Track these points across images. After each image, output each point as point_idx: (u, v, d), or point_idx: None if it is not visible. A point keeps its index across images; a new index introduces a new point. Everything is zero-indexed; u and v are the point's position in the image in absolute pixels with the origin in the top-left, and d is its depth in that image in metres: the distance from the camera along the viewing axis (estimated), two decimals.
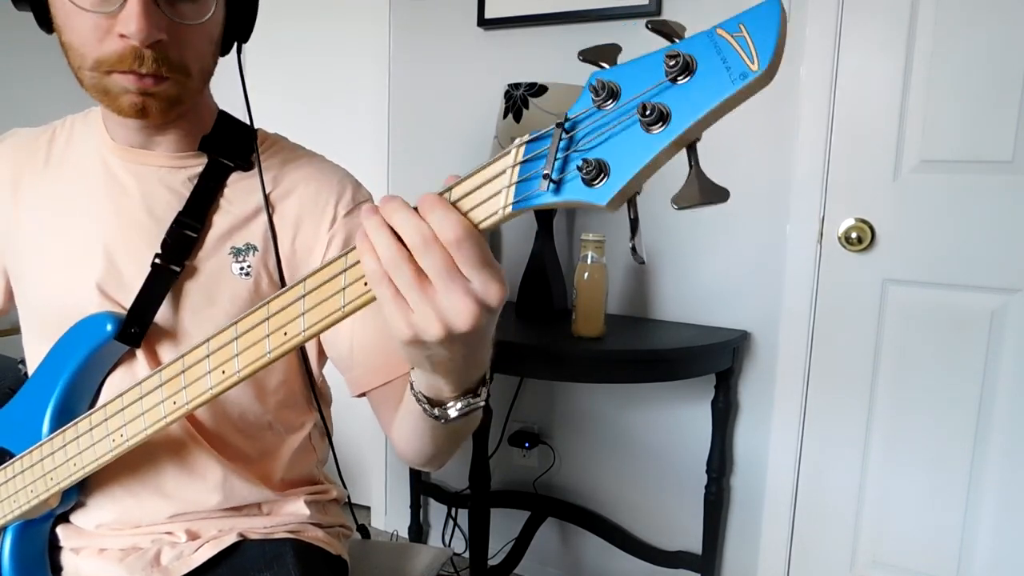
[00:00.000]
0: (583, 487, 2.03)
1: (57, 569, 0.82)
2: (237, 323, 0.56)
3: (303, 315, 0.52)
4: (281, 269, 0.79)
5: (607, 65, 0.42)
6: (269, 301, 0.54)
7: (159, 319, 0.76)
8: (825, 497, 1.75)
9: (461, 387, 0.56)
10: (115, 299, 0.76)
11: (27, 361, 0.84)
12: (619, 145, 0.41)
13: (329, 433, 0.94)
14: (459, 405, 0.57)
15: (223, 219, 0.78)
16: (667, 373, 1.65)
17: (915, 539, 1.67)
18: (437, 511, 2.27)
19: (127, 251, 0.76)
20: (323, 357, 0.88)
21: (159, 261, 0.75)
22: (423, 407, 0.58)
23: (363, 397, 0.81)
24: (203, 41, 0.71)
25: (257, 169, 0.80)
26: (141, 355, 0.77)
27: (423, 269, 0.45)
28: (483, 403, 0.58)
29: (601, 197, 0.41)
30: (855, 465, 1.71)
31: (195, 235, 0.76)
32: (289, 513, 0.86)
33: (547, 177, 0.43)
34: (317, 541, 0.86)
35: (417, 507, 2.25)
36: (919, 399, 1.63)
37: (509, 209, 0.45)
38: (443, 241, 0.44)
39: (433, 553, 1.10)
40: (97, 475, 0.72)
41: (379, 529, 2.39)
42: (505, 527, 2.03)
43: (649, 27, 0.41)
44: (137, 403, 0.64)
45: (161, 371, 0.62)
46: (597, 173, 0.41)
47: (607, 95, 0.41)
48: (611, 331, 1.63)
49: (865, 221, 1.64)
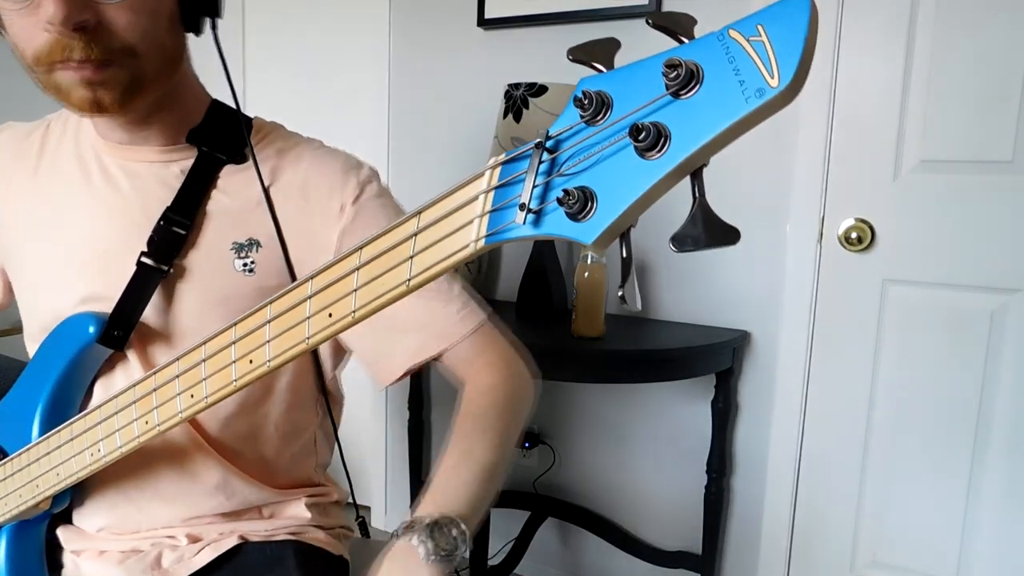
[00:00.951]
0: (583, 487, 2.03)
1: (57, 567, 0.82)
2: (206, 344, 0.52)
3: (268, 343, 0.48)
4: (290, 263, 0.76)
5: (601, 67, 0.36)
6: (237, 322, 0.50)
7: (152, 321, 0.74)
8: (825, 497, 1.75)
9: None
10: (109, 298, 0.75)
11: (28, 356, 0.83)
12: (609, 171, 0.34)
13: (336, 434, 0.93)
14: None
15: (221, 213, 0.75)
16: (667, 373, 1.65)
17: (915, 539, 1.67)
18: None
19: (121, 250, 0.74)
20: (338, 358, 0.87)
21: (145, 260, 0.72)
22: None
23: (395, 384, 0.80)
24: (141, 17, 0.65)
25: (252, 160, 0.76)
26: (135, 358, 0.75)
27: None
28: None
29: (587, 234, 0.35)
30: (855, 465, 1.71)
31: (184, 232, 0.73)
32: (290, 516, 0.86)
33: (524, 207, 0.36)
34: (318, 542, 0.86)
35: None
36: (919, 399, 1.63)
37: (481, 243, 0.38)
38: None
39: None
40: (95, 480, 0.72)
41: (379, 529, 2.39)
42: (505, 527, 2.03)
43: (650, 23, 0.34)
44: (113, 418, 0.61)
45: (135, 387, 0.59)
46: (583, 205, 0.34)
47: (597, 108, 0.35)
48: (611, 331, 1.63)
49: (865, 221, 1.64)
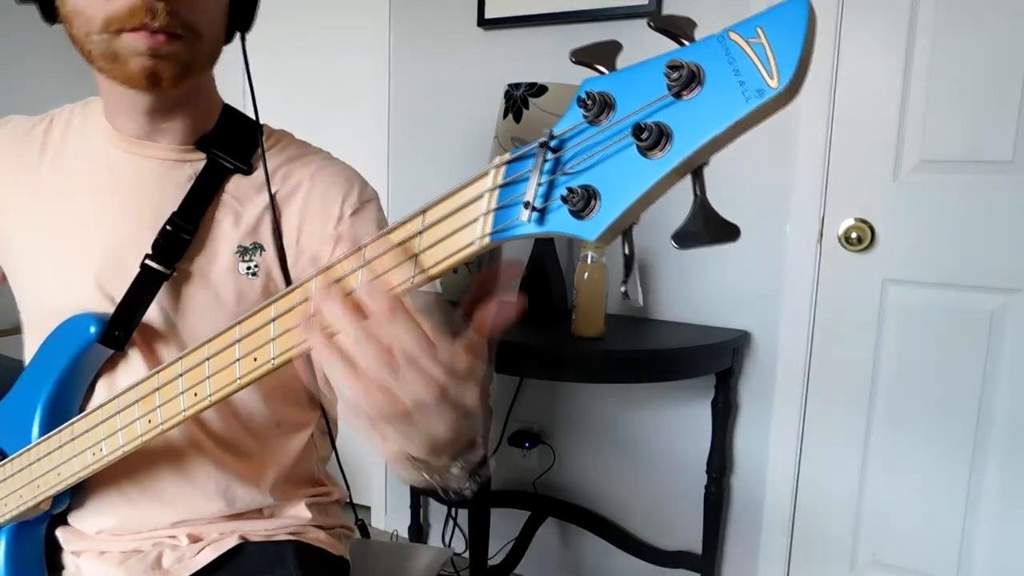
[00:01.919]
0: (583, 487, 2.03)
1: (58, 568, 0.82)
2: (210, 342, 0.53)
3: (272, 341, 0.48)
4: (286, 269, 0.77)
5: (603, 68, 0.36)
6: (241, 321, 0.50)
7: (156, 323, 0.74)
8: (825, 497, 1.75)
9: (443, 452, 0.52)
10: (115, 297, 0.74)
11: (26, 359, 0.83)
12: (612, 170, 0.35)
13: (332, 432, 0.93)
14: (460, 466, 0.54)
15: (228, 218, 0.76)
16: (667, 373, 1.65)
17: (915, 539, 1.67)
18: (437, 511, 2.27)
19: (129, 247, 0.74)
20: None
21: (149, 262, 0.73)
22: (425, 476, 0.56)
23: None
24: (214, 1, 0.70)
25: (263, 167, 0.77)
26: (138, 358, 0.75)
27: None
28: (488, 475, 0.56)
29: (590, 231, 0.36)
30: (855, 465, 1.71)
31: (189, 237, 0.74)
32: (290, 516, 0.86)
33: (528, 205, 0.37)
34: (318, 542, 0.86)
35: (417, 507, 2.25)
36: (919, 399, 1.63)
37: (487, 240, 0.39)
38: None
39: (433, 553, 1.10)
40: (95, 481, 0.72)
41: (379, 529, 2.39)
42: (505, 527, 2.03)
43: (652, 26, 0.34)
44: (115, 417, 0.61)
45: (137, 385, 0.59)
46: (586, 203, 0.35)
47: (600, 109, 0.35)
48: (611, 331, 1.63)
49: (865, 221, 1.64)
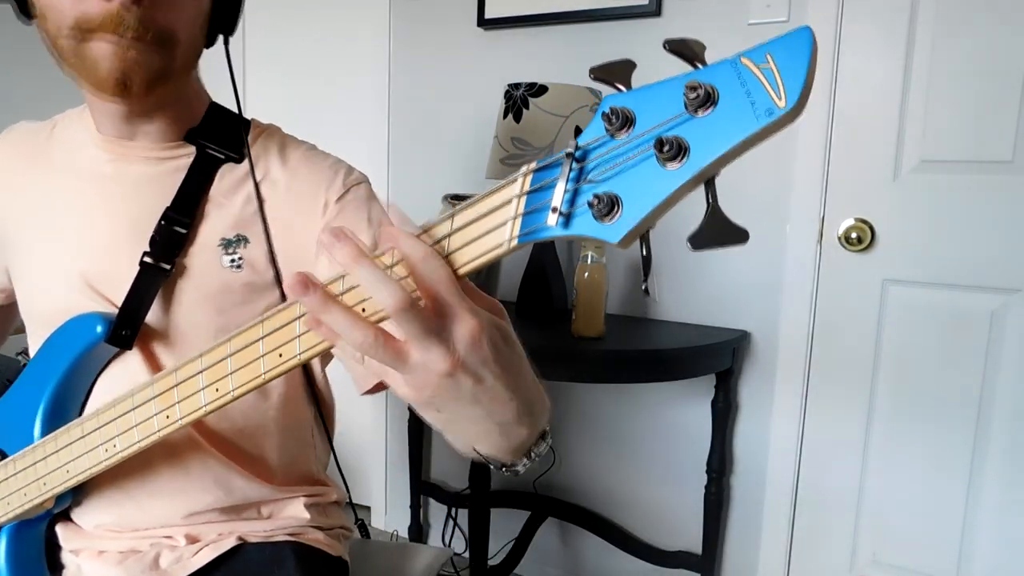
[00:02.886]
0: (583, 487, 2.03)
1: (58, 567, 0.82)
2: (232, 339, 0.54)
3: (299, 337, 0.50)
4: (275, 258, 0.77)
5: (621, 86, 0.40)
6: (264, 319, 0.52)
7: (152, 319, 0.75)
8: (825, 497, 1.75)
9: (502, 449, 0.53)
10: (106, 296, 0.75)
11: (30, 356, 0.83)
12: (633, 179, 0.38)
13: (330, 436, 0.93)
14: (525, 461, 0.55)
15: (215, 212, 0.76)
16: (667, 373, 1.65)
17: (915, 539, 1.67)
18: (437, 511, 2.27)
19: (118, 247, 0.75)
20: (326, 357, 0.87)
21: (148, 260, 0.73)
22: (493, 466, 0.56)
23: (371, 394, 0.80)
24: (188, 6, 0.68)
25: (248, 159, 0.77)
26: (136, 355, 0.75)
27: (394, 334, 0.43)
28: (545, 449, 0.56)
29: (613, 235, 0.39)
30: (855, 465, 1.71)
31: (185, 231, 0.74)
32: (289, 516, 0.86)
33: (556, 210, 0.40)
34: (317, 543, 0.86)
35: (417, 507, 2.25)
36: (919, 399, 1.63)
37: (515, 242, 0.42)
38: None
39: (433, 553, 1.10)
40: (94, 478, 0.72)
41: (379, 529, 2.39)
42: (505, 527, 2.03)
43: (667, 48, 0.38)
44: (130, 413, 0.62)
45: (155, 383, 0.60)
46: (609, 209, 0.39)
47: (622, 123, 0.39)
48: (611, 331, 1.63)
49: (865, 221, 1.64)
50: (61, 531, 0.82)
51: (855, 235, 1.64)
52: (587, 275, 1.54)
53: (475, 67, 2.05)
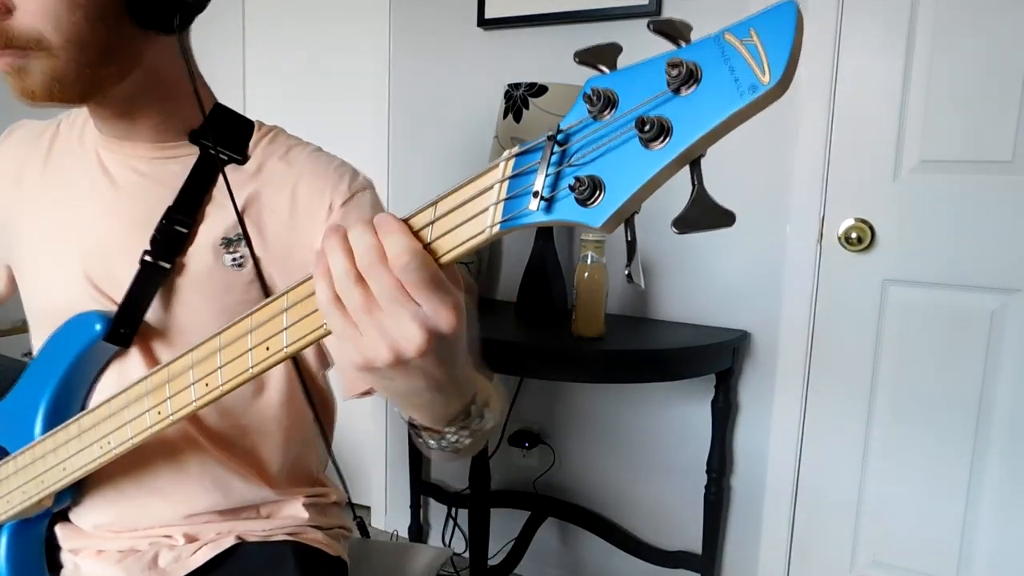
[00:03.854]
0: (583, 487, 2.03)
1: (57, 567, 0.82)
2: (221, 333, 0.54)
3: (285, 330, 0.50)
4: (257, 261, 0.76)
5: (605, 68, 0.39)
6: (253, 313, 0.52)
7: (153, 318, 0.75)
8: (825, 497, 1.75)
9: (436, 419, 0.53)
10: (108, 295, 0.76)
11: (33, 355, 0.84)
12: (615, 161, 0.38)
13: (327, 440, 0.92)
14: (448, 438, 0.55)
15: (217, 212, 0.76)
16: (667, 373, 1.65)
17: (915, 539, 1.66)
18: (437, 511, 2.27)
19: (119, 246, 0.75)
20: (324, 361, 0.87)
21: (148, 258, 0.73)
22: (419, 441, 0.56)
23: (360, 398, 0.80)
24: (52, 5, 0.62)
25: (247, 159, 0.77)
26: (136, 354, 0.76)
27: (372, 293, 0.43)
28: (484, 428, 0.55)
29: (595, 218, 0.38)
30: (855, 465, 1.71)
31: (186, 231, 0.74)
32: (288, 516, 0.86)
33: (537, 195, 0.40)
34: (316, 543, 0.86)
35: (417, 507, 2.25)
36: (919, 399, 1.63)
37: (497, 228, 0.42)
38: (392, 264, 0.43)
39: (433, 553, 1.10)
40: (92, 477, 0.72)
41: (379, 529, 2.39)
42: (505, 527, 2.03)
43: (651, 28, 0.37)
44: (124, 410, 0.62)
45: (147, 379, 0.60)
46: (591, 192, 0.38)
47: (604, 105, 0.38)
48: (611, 331, 1.63)
49: (865, 221, 1.64)
50: (60, 531, 0.82)
51: (855, 235, 1.64)
52: (587, 275, 1.54)
53: (475, 67, 2.05)
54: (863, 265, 1.66)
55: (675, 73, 0.35)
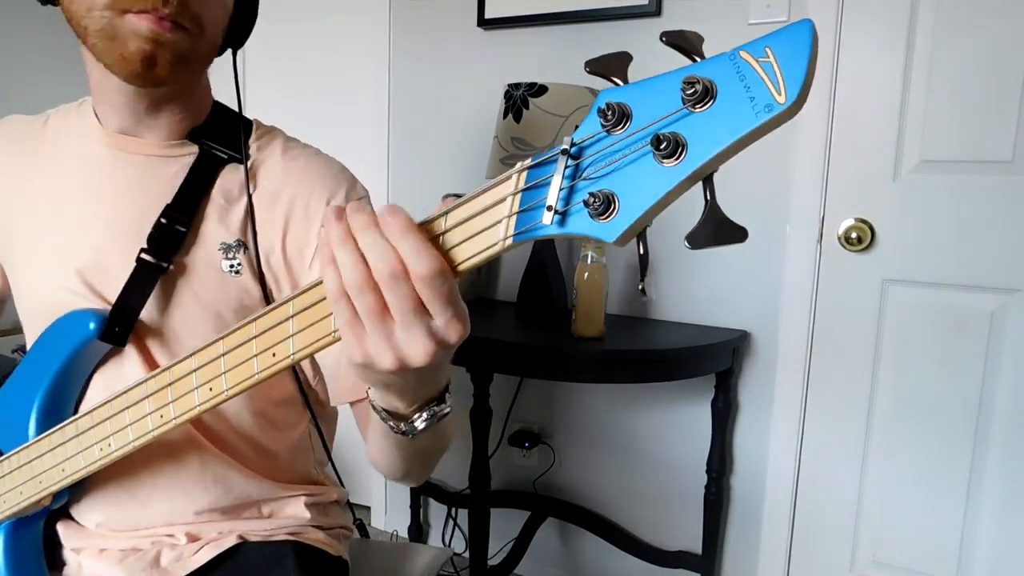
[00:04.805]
0: (583, 487, 2.03)
1: (58, 565, 0.82)
2: (224, 338, 0.53)
3: (292, 337, 0.50)
4: (260, 267, 0.76)
5: (617, 79, 0.39)
6: (257, 318, 0.51)
7: (148, 318, 0.74)
8: (825, 497, 1.75)
9: (417, 403, 0.54)
10: (101, 293, 0.75)
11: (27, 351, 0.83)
12: (630, 177, 0.38)
13: (325, 442, 0.92)
14: (424, 416, 0.54)
15: (215, 213, 0.76)
16: (667, 373, 1.65)
17: (915, 539, 1.67)
18: (437, 511, 2.27)
19: (115, 243, 0.74)
20: (316, 368, 0.87)
21: (145, 256, 0.72)
22: (388, 424, 0.55)
23: (341, 404, 0.80)
24: (219, 4, 0.71)
25: (244, 160, 0.77)
26: (131, 353, 0.75)
27: (386, 301, 0.43)
28: (447, 411, 0.55)
29: (609, 233, 0.38)
30: (855, 465, 1.71)
31: (184, 230, 0.74)
32: (289, 516, 0.86)
33: (551, 209, 0.40)
34: (318, 543, 0.86)
35: (417, 507, 2.25)
36: (919, 399, 1.63)
37: (510, 241, 0.41)
38: (413, 276, 0.42)
39: (433, 553, 1.10)
40: (93, 476, 0.72)
41: (379, 529, 2.39)
42: (505, 527, 2.03)
43: (664, 40, 0.36)
44: (124, 412, 0.62)
45: (147, 381, 0.60)
46: (605, 207, 0.38)
47: (618, 119, 0.38)
48: (611, 331, 1.63)
49: (865, 221, 1.64)
50: (62, 529, 0.82)
51: (855, 235, 1.64)
52: (587, 275, 1.54)
53: (475, 67, 2.05)
54: (863, 265, 1.66)
55: (691, 91, 0.35)
